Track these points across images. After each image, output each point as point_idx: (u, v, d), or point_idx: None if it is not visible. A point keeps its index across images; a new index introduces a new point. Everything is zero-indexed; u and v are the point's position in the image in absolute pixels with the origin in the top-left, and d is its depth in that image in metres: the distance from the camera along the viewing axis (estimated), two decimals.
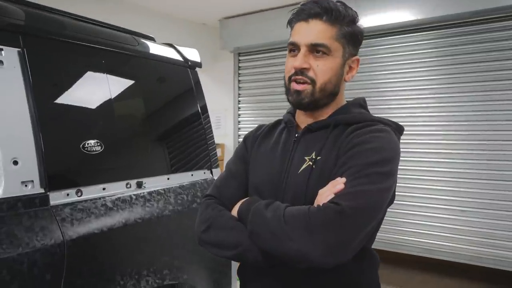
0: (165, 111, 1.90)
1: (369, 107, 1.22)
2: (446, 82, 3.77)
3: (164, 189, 1.72)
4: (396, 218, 3.93)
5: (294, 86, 1.07)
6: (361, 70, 4.14)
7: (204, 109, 2.07)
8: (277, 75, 4.70)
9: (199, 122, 2.03)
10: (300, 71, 1.05)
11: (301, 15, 1.08)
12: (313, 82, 1.06)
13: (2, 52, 1.26)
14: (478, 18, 3.58)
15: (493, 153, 3.57)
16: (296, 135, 1.14)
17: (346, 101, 1.17)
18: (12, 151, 1.20)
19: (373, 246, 1.14)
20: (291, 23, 1.12)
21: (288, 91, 1.10)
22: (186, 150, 1.94)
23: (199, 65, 2.12)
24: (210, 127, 2.10)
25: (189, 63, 2.06)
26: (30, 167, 1.24)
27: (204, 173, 1.99)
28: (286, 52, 1.12)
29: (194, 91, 2.05)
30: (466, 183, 3.69)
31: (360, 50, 1.15)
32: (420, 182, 3.89)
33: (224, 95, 5.35)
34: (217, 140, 4.78)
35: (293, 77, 1.07)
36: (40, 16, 1.48)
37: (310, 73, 1.05)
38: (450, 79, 3.76)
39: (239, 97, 5.26)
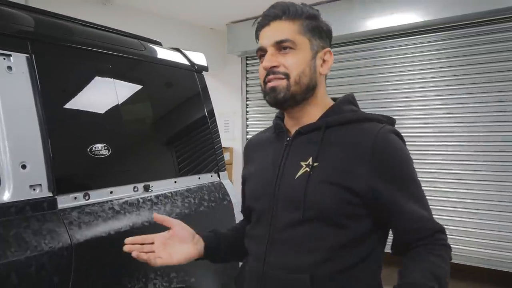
0: (172, 115, 1.91)
1: (377, 109, 1.21)
2: (455, 83, 3.75)
3: (171, 193, 1.73)
4: None
5: (269, 84, 1.06)
6: (368, 72, 4.17)
7: (211, 112, 2.08)
8: None
9: (206, 126, 2.04)
10: (272, 71, 1.05)
11: (263, 22, 1.10)
12: (287, 76, 1.05)
13: (11, 58, 1.28)
14: (486, 19, 3.55)
15: (504, 155, 3.53)
16: (288, 139, 1.12)
17: (333, 99, 1.16)
18: (21, 155, 1.22)
19: None
20: (256, 33, 1.13)
21: (264, 93, 1.09)
22: (193, 153, 1.95)
23: (205, 69, 2.13)
24: (217, 130, 2.10)
25: (196, 67, 2.07)
26: (38, 171, 1.25)
27: (211, 176, 2.00)
28: None
29: (201, 95, 2.06)
30: (477, 185, 3.65)
31: (367, 52, 1.16)
32: (429, 184, 3.85)
33: (232, 98, 5.37)
34: (225, 144, 4.80)
35: (266, 79, 1.07)
36: (48, 22, 1.50)
37: (281, 69, 1.05)
38: (459, 81, 3.73)
39: (247, 100, 5.27)
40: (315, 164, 1.03)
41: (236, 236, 1.27)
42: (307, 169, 1.03)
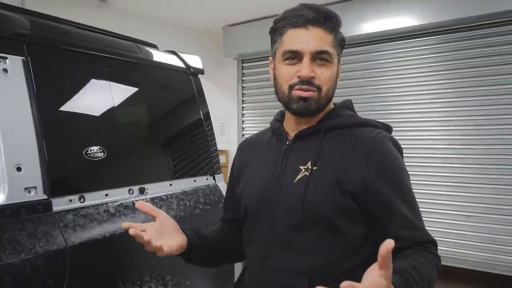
0: (168, 118, 1.91)
1: (373, 112, 1.23)
2: (450, 87, 3.77)
3: (166, 195, 1.73)
4: None
5: (300, 93, 1.04)
6: (364, 76, 4.19)
7: (207, 115, 2.09)
8: None
9: (201, 128, 2.04)
10: (308, 81, 1.03)
11: (299, 21, 1.04)
12: (319, 89, 1.04)
13: (7, 60, 1.28)
14: (480, 23, 3.57)
15: (499, 158, 3.55)
16: (287, 142, 1.12)
17: (333, 104, 1.16)
18: (16, 157, 1.22)
19: None
20: (280, 29, 1.08)
21: (290, 99, 1.06)
22: (188, 156, 1.95)
23: (201, 72, 2.14)
24: (213, 133, 2.11)
25: (192, 70, 2.08)
26: (33, 174, 1.25)
27: (207, 179, 2.00)
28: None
29: (197, 97, 2.07)
30: (472, 188, 3.67)
31: (363, 55, 1.17)
32: (424, 187, 3.87)
33: (228, 101, 5.37)
34: (221, 146, 4.79)
35: (297, 86, 1.04)
36: (43, 25, 1.50)
37: (316, 81, 1.04)
38: (454, 84, 3.75)
39: (243, 103, 5.27)
40: (315, 168, 1.04)
41: (215, 239, 1.24)
42: (306, 173, 1.04)
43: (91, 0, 4.02)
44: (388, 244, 0.72)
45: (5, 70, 1.26)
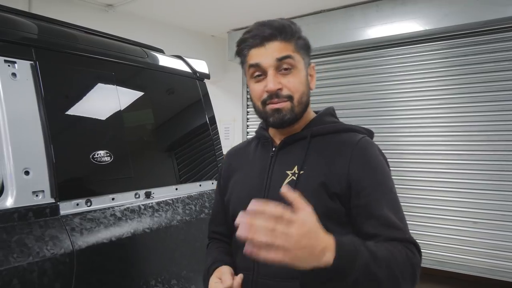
0: (174, 122, 1.92)
1: (378, 117, 1.23)
2: (457, 92, 3.76)
3: (172, 199, 1.73)
4: None
5: (272, 106, 1.05)
6: (368, 81, 4.19)
7: (212, 119, 2.09)
8: None
9: (207, 133, 2.05)
10: (275, 94, 1.04)
11: (256, 41, 1.06)
12: (290, 98, 1.05)
13: (16, 65, 1.29)
14: (486, 28, 3.58)
15: (506, 164, 3.53)
16: (274, 149, 1.13)
17: (315, 112, 1.18)
18: (24, 161, 1.23)
19: None
20: (243, 51, 1.10)
21: (265, 114, 1.08)
22: (194, 160, 1.95)
23: (207, 76, 2.15)
24: (218, 137, 2.11)
25: (198, 75, 2.09)
26: (41, 177, 1.26)
27: (212, 183, 2.00)
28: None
29: (203, 102, 2.07)
30: (478, 194, 3.65)
31: (368, 60, 1.17)
32: (431, 193, 3.86)
33: (233, 105, 5.39)
34: (226, 150, 4.79)
35: (268, 101, 1.06)
36: (51, 29, 1.52)
37: (285, 92, 1.04)
38: (460, 89, 3.75)
39: (247, 107, 5.28)
40: (301, 172, 1.05)
41: (230, 255, 1.22)
42: (293, 177, 1.05)
43: (97, 5, 4.05)
44: (284, 189, 0.79)
45: (14, 75, 1.27)
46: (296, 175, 1.05)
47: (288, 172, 1.07)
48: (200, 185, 1.93)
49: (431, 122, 3.89)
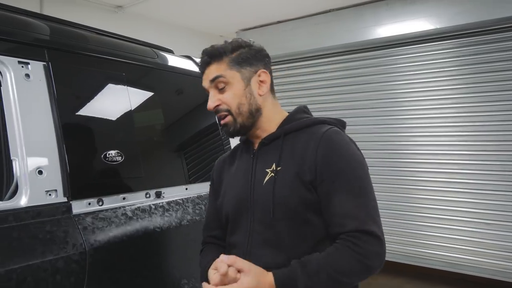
0: (183, 122, 1.93)
1: (387, 117, 1.24)
2: (468, 91, 3.71)
3: (182, 199, 1.74)
4: (417, 231, 3.85)
5: (221, 121, 1.20)
6: (379, 80, 4.16)
7: None
8: (294, 85, 4.71)
9: (216, 132, 2.05)
10: (216, 110, 1.19)
11: (200, 68, 1.22)
12: (229, 111, 1.17)
13: (29, 66, 1.31)
14: (497, 27, 3.53)
15: None
16: (254, 151, 1.23)
17: (288, 112, 1.26)
18: (37, 161, 1.24)
19: (392, 259, 1.13)
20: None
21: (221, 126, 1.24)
22: (204, 160, 1.96)
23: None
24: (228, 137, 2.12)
25: None
26: (54, 177, 1.27)
27: None
28: (302, 63, 1.17)
29: None
30: (490, 195, 3.60)
31: (378, 60, 1.18)
32: (442, 194, 3.82)
33: None
34: None
35: (216, 116, 1.22)
36: (64, 30, 1.53)
37: (223, 106, 1.17)
38: (470, 89, 3.70)
39: None
40: (278, 168, 1.14)
41: None
42: (272, 174, 1.14)
43: (107, 6, 4.08)
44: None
45: (27, 75, 1.29)
46: (275, 171, 1.14)
47: (268, 170, 1.16)
48: (209, 185, 1.93)
49: (441, 122, 3.84)
